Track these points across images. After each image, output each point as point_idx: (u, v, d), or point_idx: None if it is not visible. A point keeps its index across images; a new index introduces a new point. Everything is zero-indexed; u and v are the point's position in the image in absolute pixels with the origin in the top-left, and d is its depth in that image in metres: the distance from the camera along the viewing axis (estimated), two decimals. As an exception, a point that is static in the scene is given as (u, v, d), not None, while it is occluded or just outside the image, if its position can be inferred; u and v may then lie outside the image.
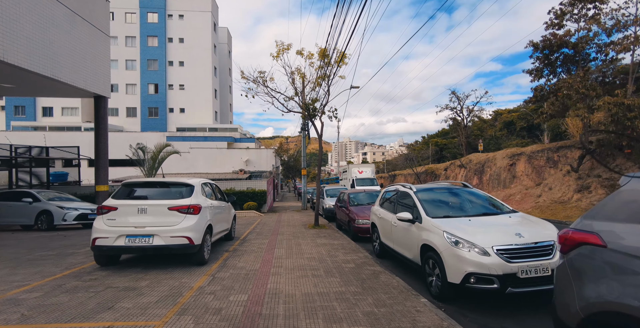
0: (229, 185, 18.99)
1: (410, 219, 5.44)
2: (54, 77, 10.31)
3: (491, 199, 5.89)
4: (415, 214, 5.48)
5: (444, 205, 5.74)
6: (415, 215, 5.47)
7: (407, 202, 6.19)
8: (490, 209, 5.49)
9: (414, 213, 5.55)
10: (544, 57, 15.94)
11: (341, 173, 32.44)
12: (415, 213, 5.52)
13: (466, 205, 5.68)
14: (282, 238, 9.32)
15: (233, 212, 8.91)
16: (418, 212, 5.44)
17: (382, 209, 7.29)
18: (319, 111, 12.62)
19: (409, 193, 6.11)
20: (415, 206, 5.61)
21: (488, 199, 5.87)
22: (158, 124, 41.19)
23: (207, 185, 7.04)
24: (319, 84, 12.45)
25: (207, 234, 6.16)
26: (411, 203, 5.85)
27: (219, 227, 7.13)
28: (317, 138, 13.58)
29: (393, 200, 6.90)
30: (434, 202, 5.80)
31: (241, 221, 14.00)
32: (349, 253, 7.16)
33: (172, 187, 6.00)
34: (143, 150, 17.77)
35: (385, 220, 6.85)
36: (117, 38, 40.64)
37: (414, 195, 5.86)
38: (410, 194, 6.02)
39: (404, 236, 5.79)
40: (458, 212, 5.48)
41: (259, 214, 16.80)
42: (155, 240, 5.33)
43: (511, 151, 21.00)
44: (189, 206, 5.65)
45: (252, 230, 10.98)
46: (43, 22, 9.60)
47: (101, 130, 13.85)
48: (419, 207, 5.49)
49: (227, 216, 8.14)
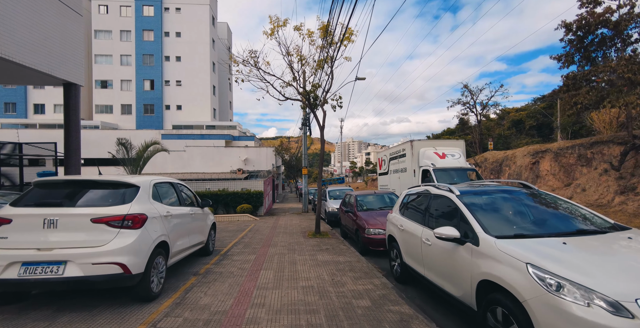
0: (223, 186, 17.18)
1: (456, 238, 3.57)
2: (3, 56, 8.53)
3: (576, 207, 3.97)
4: (465, 230, 3.61)
5: (508, 217, 3.84)
6: (465, 231, 3.60)
7: (445, 211, 4.31)
8: (584, 224, 3.57)
9: (461, 227, 3.68)
10: (577, 39, 13.94)
11: (383, 162, 17.17)
12: (464, 228, 3.65)
13: (543, 217, 3.77)
14: (274, 252, 7.45)
15: (211, 219, 7.06)
16: (469, 227, 3.56)
17: (405, 218, 5.40)
18: (320, 99, 10.76)
19: (448, 197, 4.23)
20: (463, 218, 3.73)
21: (572, 207, 3.96)
22: (154, 121, 39.51)
23: (165, 186, 5.18)
24: (320, 66, 10.59)
25: (159, 256, 4.31)
26: (454, 213, 3.98)
27: (184, 243, 5.28)
28: (319, 138, 11.73)
29: (421, 206, 5.02)
30: (492, 212, 3.91)
31: (231, 227, 12.15)
32: (361, 279, 5.27)
33: (104, 188, 4.15)
34: (126, 147, 15.98)
35: (410, 234, 4.97)
36: (112, 32, 39.02)
37: (458, 201, 3.98)
38: (451, 199, 4.14)
39: (444, 262, 3.91)
40: (534, 228, 3.58)
41: (253, 218, 14.96)
42: (68, 270, 3.48)
43: (533, 148, 19.00)
44: (124, 216, 3.80)
45: (240, 240, 9.12)
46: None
47: (72, 123, 11.98)
48: (471, 219, 3.60)
49: (200, 226, 6.29)
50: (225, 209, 16.74)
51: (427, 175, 11.79)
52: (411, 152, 13.17)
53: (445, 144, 13.47)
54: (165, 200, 4.91)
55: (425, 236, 4.42)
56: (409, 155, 13.46)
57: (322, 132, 10.38)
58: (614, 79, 12.23)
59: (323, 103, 10.64)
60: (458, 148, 13.23)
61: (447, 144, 13.54)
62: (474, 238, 3.42)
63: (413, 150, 13.10)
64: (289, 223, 13.13)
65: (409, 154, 13.46)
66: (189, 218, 5.60)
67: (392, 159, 15.80)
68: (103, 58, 39.04)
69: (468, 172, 11.93)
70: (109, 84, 39.33)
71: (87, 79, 39.91)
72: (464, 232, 3.64)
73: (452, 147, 13.21)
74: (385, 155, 17.18)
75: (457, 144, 13.90)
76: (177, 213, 5.06)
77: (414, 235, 4.80)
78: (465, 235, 3.59)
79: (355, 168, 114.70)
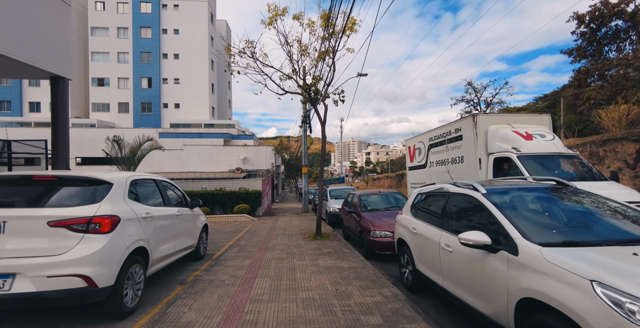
0: (220, 185, 16.57)
1: (487, 245, 2.96)
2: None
3: (632, 208, 3.35)
4: (496, 235, 3.01)
5: (549, 220, 3.23)
6: (496, 237, 3.00)
7: (469, 213, 3.71)
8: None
9: (491, 232, 3.08)
10: (590, 31, 13.35)
11: (418, 151, 12.29)
12: (494, 232, 3.05)
13: (592, 221, 3.16)
14: (272, 256, 6.83)
15: (202, 221, 6.45)
16: (502, 231, 2.96)
17: (418, 221, 4.79)
18: (321, 94, 10.17)
19: (472, 196, 3.62)
20: (494, 221, 3.12)
21: (627, 208, 3.34)
22: (152, 120, 38.89)
23: (146, 184, 4.57)
24: (321, 57, 9.98)
25: (135, 265, 3.70)
26: (481, 215, 3.37)
27: (169, 248, 4.67)
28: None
29: (437, 207, 4.42)
30: (528, 214, 3.30)
31: (227, 228, 11.54)
32: (368, 289, 4.66)
33: (69, 185, 3.53)
34: (119, 144, 15.37)
35: (425, 238, 4.37)
36: (109, 29, 38.39)
37: (485, 201, 3.36)
38: (476, 199, 3.53)
39: (470, 272, 3.31)
40: (586, 234, 2.97)
41: (251, 219, 14.35)
42: (17, 284, 2.87)
43: (541, 146, 18.37)
44: (90, 218, 3.18)
45: (235, 243, 8.51)
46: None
47: (59, 118, 11.32)
48: (504, 222, 2.99)
49: (189, 228, 5.67)
50: (222, 209, 16.13)
51: (504, 166, 7.76)
52: (473, 131, 8.43)
53: (522, 120, 8.74)
54: (146, 200, 4.29)
55: (445, 241, 3.82)
56: (468, 136, 8.69)
57: (324, 128, 9.77)
58: (630, 72, 11.63)
59: (324, 97, 10.04)
60: (544, 126, 8.45)
61: (526, 120, 8.77)
62: (511, 246, 2.81)
63: (477, 128, 8.34)
64: (289, 224, 12.52)
65: (468, 134, 8.68)
66: (175, 220, 4.99)
67: (433, 145, 10.68)
68: (100, 55, 38.42)
69: (572, 161, 7.50)
70: (105, 81, 38.70)
71: (84, 76, 39.31)
72: (494, 237, 3.03)
73: (534, 124, 8.46)
74: (420, 142, 11.75)
75: (540, 120, 8.81)
76: (160, 215, 4.44)
77: (430, 239, 4.19)
78: (497, 241, 2.98)
79: (355, 168, 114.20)
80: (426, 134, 11.34)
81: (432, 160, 10.78)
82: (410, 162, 12.89)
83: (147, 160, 29.70)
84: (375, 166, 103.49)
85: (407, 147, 13.30)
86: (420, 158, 11.78)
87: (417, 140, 12.18)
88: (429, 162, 11.01)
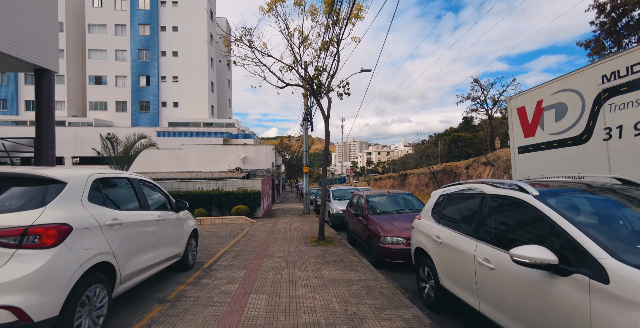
0: (218, 185, 15.82)
1: (552, 265, 2.20)
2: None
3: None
4: (564, 251, 2.25)
5: (636, 233, 2.46)
6: (564, 253, 2.24)
7: (518, 220, 2.94)
8: None
9: (555, 246, 2.32)
10: (610, 21, 12.54)
11: (564, 110, 5.10)
12: (563, 247, 2.28)
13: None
14: (270, 265, 6.06)
15: (191, 225, 5.68)
16: (575, 247, 2.19)
17: (443, 227, 4.03)
18: (324, 87, 9.41)
19: (522, 200, 2.84)
20: (559, 232, 2.35)
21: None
22: (150, 119, 38.16)
23: (116, 183, 3.79)
24: (325, 47, 9.21)
25: (95, 286, 2.93)
26: (537, 224, 2.60)
27: (144, 260, 3.90)
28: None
29: (469, 212, 3.65)
30: (604, 223, 2.53)
31: (223, 231, 10.78)
32: (384, 309, 3.89)
33: (8, 185, 2.76)
34: (112, 142, 14.62)
35: (453, 249, 3.60)
36: (106, 26, 37.67)
37: (542, 206, 2.59)
38: (528, 203, 2.75)
39: (525, 299, 2.53)
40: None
41: (249, 221, 13.59)
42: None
43: (554, 145, 17.55)
44: (26, 229, 2.42)
45: (231, 249, 7.74)
46: None
47: (44, 114, 10.58)
48: (578, 235, 2.21)
49: (174, 235, 4.91)
50: (219, 211, 15.38)
51: None
52: None
53: None
54: (115, 203, 3.53)
55: (483, 255, 3.05)
56: None
57: (327, 123, 9.00)
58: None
59: (328, 90, 9.28)
60: None
61: None
62: (593, 269, 2.03)
63: None
64: (289, 227, 11.76)
65: None
66: (155, 227, 4.22)
67: (620, 90, 4.48)
68: (97, 53, 37.71)
69: None
70: (103, 79, 37.99)
71: (81, 74, 38.61)
72: (558, 254, 2.26)
73: None
74: (564, 92, 5.46)
75: None
76: (133, 221, 3.67)
77: (461, 251, 3.42)
78: (565, 260, 2.22)
79: (356, 168, 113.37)
80: (585, 72, 5.06)
81: (613, 125, 4.62)
82: (523, 135, 6.41)
83: (145, 160, 29.07)
84: (376, 166, 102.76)
85: (514, 109, 6.65)
86: (566, 124, 5.42)
87: (550, 90, 5.74)
88: (604, 130, 4.74)
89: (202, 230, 11.12)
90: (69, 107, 37.48)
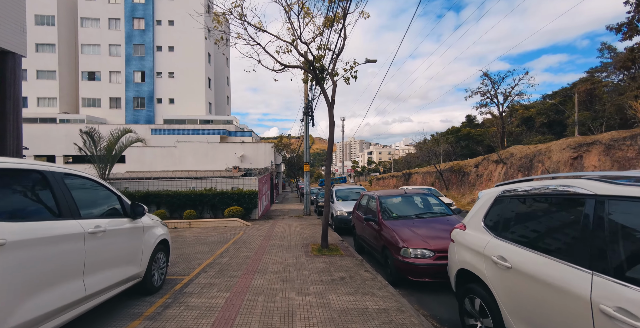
0: (211, 184, 14.51)
1: None
2: None
3: None
4: None
5: None
6: None
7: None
8: None
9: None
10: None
11: None
12: None
13: None
14: (261, 285, 4.75)
15: (157, 235, 4.36)
16: None
17: (508, 244, 2.72)
18: (328, 69, 8.12)
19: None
20: None
21: None
22: (145, 116, 36.85)
23: (11, 181, 2.48)
24: (329, 24, 7.90)
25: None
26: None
27: (62, 295, 2.57)
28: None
29: (562, 225, 2.34)
30: None
31: (212, 237, 9.46)
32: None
33: None
34: (92, 137, 13.30)
35: (535, 281, 2.29)
36: (99, 20, 36.35)
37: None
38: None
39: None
40: None
41: (244, 224, 12.28)
42: None
43: (575, 140, 16.26)
44: None
45: (216, 260, 6.43)
46: None
47: (9, 102, 9.28)
48: None
49: (126, 251, 3.60)
50: (212, 212, 14.08)
51: None
52: None
53: None
54: (3, 211, 2.22)
55: (610, 300, 1.75)
56: None
57: (331, 110, 7.69)
58: None
59: (332, 74, 7.97)
60: None
61: None
62: None
63: None
64: (288, 231, 10.44)
65: None
66: (88, 242, 2.91)
67: None
68: (90, 48, 36.41)
69: None
70: (96, 75, 36.68)
71: (74, 70, 37.32)
72: None
73: None
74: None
75: None
76: (35, 238, 2.36)
77: (558, 289, 2.12)
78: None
79: (357, 168, 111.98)
80: None
81: None
82: None
83: (139, 158, 27.78)
84: (377, 166, 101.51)
85: None
86: None
87: None
88: None
89: (188, 236, 9.81)
90: (61, 103, 36.19)
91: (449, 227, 5.60)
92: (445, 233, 5.43)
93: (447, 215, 6.21)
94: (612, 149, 13.93)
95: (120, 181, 15.32)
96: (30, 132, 28.51)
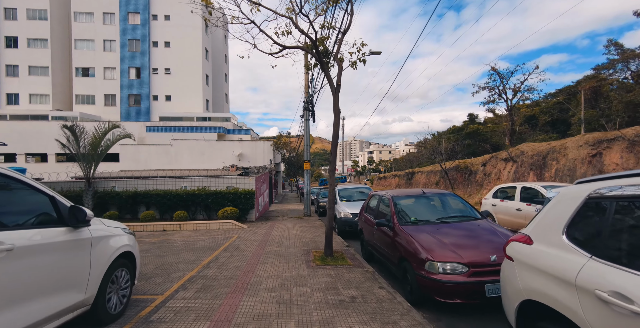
0: (205, 183, 13.53)
1: None
2: None
3: None
4: None
5: None
6: None
7: None
8: None
9: None
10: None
11: None
12: None
13: None
14: (251, 310, 3.76)
15: (114, 248, 3.36)
16: None
17: (625, 273, 1.72)
18: (332, 53, 7.15)
19: None
20: None
21: None
22: (141, 113, 35.82)
23: None
24: (333, 1, 6.90)
25: None
26: None
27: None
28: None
29: None
30: None
31: (201, 242, 8.46)
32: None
33: None
34: (74, 132, 12.29)
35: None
36: (94, 14, 35.31)
37: None
38: None
39: None
40: None
41: (239, 226, 11.28)
42: None
43: (593, 137, 15.26)
44: None
45: (201, 272, 5.43)
46: None
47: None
48: None
49: (63, 271, 2.61)
50: (206, 213, 13.09)
51: None
52: None
53: None
54: None
55: None
56: None
57: (337, 97, 6.69)
58: None
59: (337, 56, 6.97)
60: None
61: None
62: None
63: None
64: (287, 234, 9.45)
65: None
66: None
67: None
68: (84, 43, 35.36)
69: None
70: (90, 71, 35.65)
71: (67, 66, 36.29)
72: None
73: None
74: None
75: None
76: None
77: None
78: None
79: (357, 168, 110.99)
80: None
81: None
82: None
83: (133, 156, 26.70)
84: (377, 165, 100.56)
85: None
86: None
87: None
88: None
89: (176, 240, 8.82)
90: (54, 100, 35.17)
91: (484, 234, 4.62)
92: (477, 241, 4.45)
93: (476, 219, 5.21)
94: (636, 145, 12.94)
95: (107, 180, 14.31)
96: (21, 130, 27.50)
